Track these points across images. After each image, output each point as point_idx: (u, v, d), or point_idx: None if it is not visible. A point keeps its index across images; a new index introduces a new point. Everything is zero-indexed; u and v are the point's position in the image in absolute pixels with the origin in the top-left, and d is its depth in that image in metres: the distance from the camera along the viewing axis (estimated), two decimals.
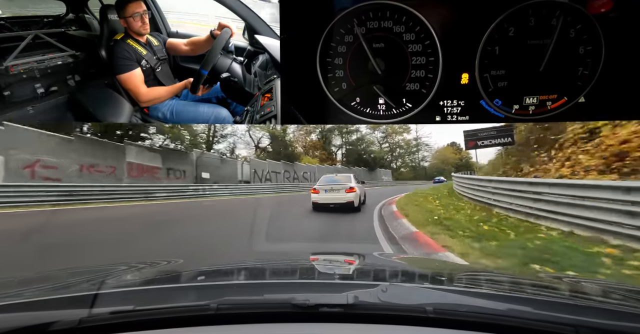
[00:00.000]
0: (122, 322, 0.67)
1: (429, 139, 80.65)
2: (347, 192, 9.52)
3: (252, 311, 0.71)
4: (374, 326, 0.68)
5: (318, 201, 9.61)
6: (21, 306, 0.73)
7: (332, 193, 9.55)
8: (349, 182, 9.85)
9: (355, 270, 1.26)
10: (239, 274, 1.19)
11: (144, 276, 1.09)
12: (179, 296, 0.80)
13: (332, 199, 9.47)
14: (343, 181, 9.96)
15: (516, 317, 0.66)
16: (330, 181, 10.12)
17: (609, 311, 0.76)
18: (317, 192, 9.70)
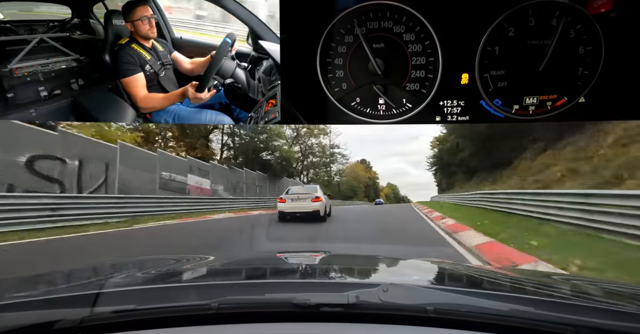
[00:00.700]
0: (123, 321, 0.67)
1: (346, 150, 73.59)
2: (314, 201, 9.88)
3: (253, 311, 0.71)
4: (375, 325, 0.68)
5: (285, 209, 9.93)
6: (23, 305, 0.73)
7: (299, 202, 9.92)
8: (315, 192, 10.27)
9: (356, 270, 1.26)
10: (240, 273, 1.19)
11: (145, 275, 1.09)
12: (180, 295, 0.80)
13: (298, 208, 9.84)
14: (310, 191, 10.35)
15: (517, 317, 0.66)
16: (297, 190, 10.52)
17: (609, 311, 0.75)
18: (284, 202, 10.01)
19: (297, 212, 9.81)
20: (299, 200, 9.91)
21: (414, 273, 1.22)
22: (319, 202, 9.91)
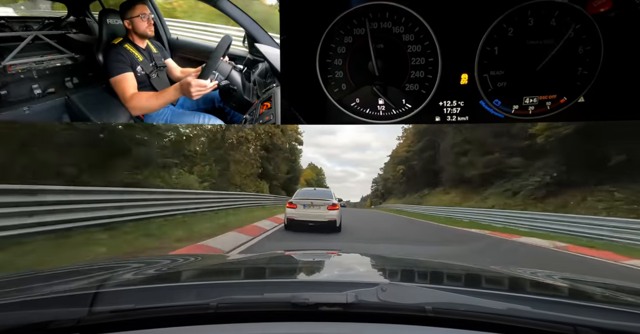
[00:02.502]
0: (121, 321, 0.67)
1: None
2: (330, 209, 8.16)
3: (252, 310, 0.71)
4: (374, 325, 0.68)
5: (295, 217, 8.22)
6: (20, 305, 0.72)
7: (313, 209, 8.16)
8: (331, 199, 8.50)
9: (354, 269, 1.26)
10: (238, 273, 1.18)
11: (143, 274, 1.08)
12: (179, 294, 0.79)
13: (312, 216, 8.12)
14: (324, 197, 8.54)
15: (515, 316, 0.66)
16: (310, 195, 8.67)
17: (608, 310, 0.76)
18: (294, 207, 8.25)
19: (309, 222, 8.08)
20: (313, 207, 8.15)
21: (413, 273, 1.22)
22: (336, 211, 8.24)
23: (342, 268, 1.27)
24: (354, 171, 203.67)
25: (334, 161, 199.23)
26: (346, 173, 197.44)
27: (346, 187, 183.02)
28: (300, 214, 8.18)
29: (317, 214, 8.11)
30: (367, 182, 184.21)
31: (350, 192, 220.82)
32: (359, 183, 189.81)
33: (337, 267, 1.29)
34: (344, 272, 1.21)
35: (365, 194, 74.30)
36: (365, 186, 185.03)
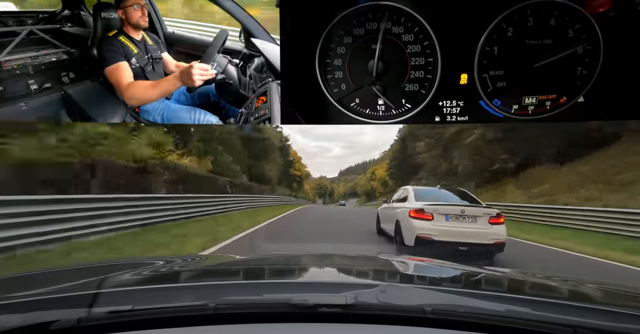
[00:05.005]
0: (121, 322, 0.67)
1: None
2: (492, 222, 5.02)
3: (251, 311, 0.71)
4: (373, 326, 0.68)
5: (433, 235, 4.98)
6: (20, 306, 0.72)
7: (463, 223, 5.03)
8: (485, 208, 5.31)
9: (354, 270, 1.26)
10: (237, 273, 1.18)
11: (143, 275, 1.08)
12: (178, 295, 0.79)
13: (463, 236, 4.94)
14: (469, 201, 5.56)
15: (514, 318, 0.66)
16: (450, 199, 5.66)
17: (607, 312, 0.76)
18: (429, 219, 5.09)
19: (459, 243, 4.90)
20: (464, 220, 5.04)
21: (412, 274, 1.22)
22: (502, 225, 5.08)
23: (342, 269, 1.28)
24: (328, 146, 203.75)
25: (309, 136, 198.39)
26: (320, 148, 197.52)
27: (319, 162, 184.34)
28: (443, 231, 5.00)
29: (472, 231, 4.98)
30: (342, 158, 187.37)
31: (324, 169, 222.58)
32: (333, 158, 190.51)
33: (337, 268, 1.29)
34: (344, 273, 1.21)
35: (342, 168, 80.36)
36: (341, 162, 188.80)
